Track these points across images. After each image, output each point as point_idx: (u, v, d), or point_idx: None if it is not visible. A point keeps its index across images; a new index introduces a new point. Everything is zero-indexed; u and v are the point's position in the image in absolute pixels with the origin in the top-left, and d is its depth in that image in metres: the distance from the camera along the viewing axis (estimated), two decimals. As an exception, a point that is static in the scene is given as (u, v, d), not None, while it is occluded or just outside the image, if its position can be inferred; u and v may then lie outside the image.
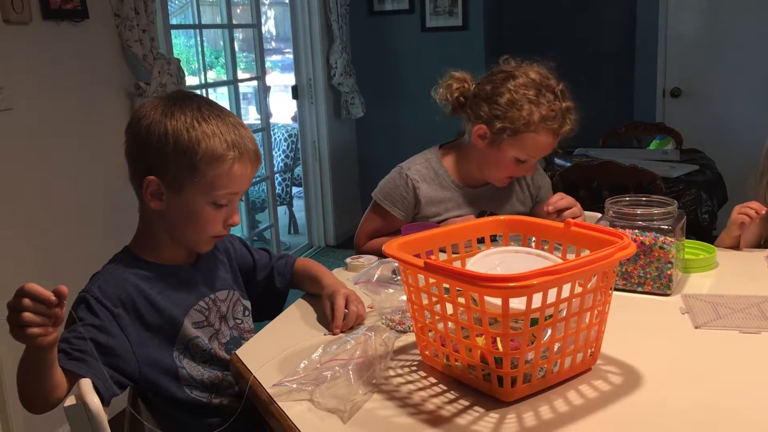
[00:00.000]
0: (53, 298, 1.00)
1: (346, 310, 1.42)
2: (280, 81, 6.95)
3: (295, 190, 5.54)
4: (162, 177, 1.28)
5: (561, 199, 1.79)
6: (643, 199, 1.62)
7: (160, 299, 1.32)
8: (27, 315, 0.99)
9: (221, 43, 4.31)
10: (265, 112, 4.55)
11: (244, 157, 1.31)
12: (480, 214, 1.91)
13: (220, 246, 1.49)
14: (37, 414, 1.15)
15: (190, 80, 4.12)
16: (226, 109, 1.35)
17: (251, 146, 1.33)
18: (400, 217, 1.92)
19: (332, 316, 1.42)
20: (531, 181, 2.02)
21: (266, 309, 1.58)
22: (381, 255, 1.58)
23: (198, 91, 3.50)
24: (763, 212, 1.79)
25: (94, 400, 1.13)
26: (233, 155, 1.29)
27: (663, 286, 1.54)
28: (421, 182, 1.91)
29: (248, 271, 1.57)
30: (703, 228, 3.13)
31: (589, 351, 1.19)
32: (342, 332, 1.39)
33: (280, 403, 1.13)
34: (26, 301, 0.99)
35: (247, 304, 1.51)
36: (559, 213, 1.76)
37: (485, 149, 1.84)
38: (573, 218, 1.46)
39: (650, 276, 1.54)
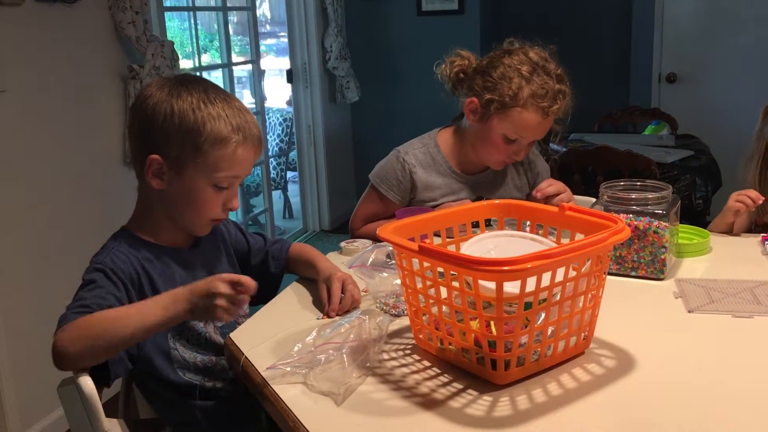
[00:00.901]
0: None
1: (342, 294, 1.42)
2: (275, 65, 6.91)
3: (289, 174, 5.52)
4: (165, 156, 1.29)
5: (549, 186, 1.79)
6: (638, 183, 1.62)
7: (159, 280, 1.33)
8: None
9: (215, 26, 4.29)
10: (259, 95, 4.53)
11: (247, 141, 1.32)
12: (476, 200, 1.90)
13: (216, 230, 1.49)
14: (65, 370, 1.15)
15: (184, 63, 4.09)
16: (231, 94, 1.37)
17: (255, 131, 1.34)
18: (396, 201, 1.91)
19: (328, 299, 1.42)
20: (529, 166, 2.02)
21: (261, 293, 1.56)
22: (376, 239, 1.58)
23: (192, 75, 3.47)
24: (761, 201, 1.79)
25: (87, 382, 1.13)
26: (237, 139, 1.30)
27: (657, 271, 1.54)
28: (418, 167, 1.91)
29: (243, 255, 1.57)
30: (697, 213, 3.13)
31: (583, 335, 1.19)
32: (337, 315, 1.39)
33: (274, 386, 1.14)
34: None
35: (242, 289, 1.50)
36: (548, 199, 1.76)
37: (476, 126, 1.83)
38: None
39: (644, 260, 1.54)
